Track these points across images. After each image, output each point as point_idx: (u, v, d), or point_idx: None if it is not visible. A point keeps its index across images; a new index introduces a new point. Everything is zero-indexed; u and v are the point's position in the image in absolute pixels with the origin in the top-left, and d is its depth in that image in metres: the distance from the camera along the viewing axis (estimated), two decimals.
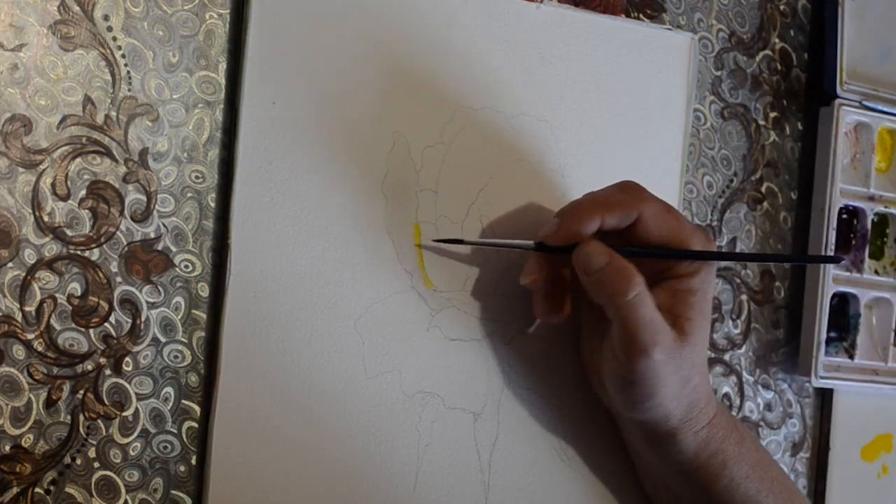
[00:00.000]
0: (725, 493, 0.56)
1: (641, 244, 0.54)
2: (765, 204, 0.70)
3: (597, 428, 0.61)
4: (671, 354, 0.51)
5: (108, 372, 0.51)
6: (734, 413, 0.68)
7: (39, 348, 0.49)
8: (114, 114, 0.51)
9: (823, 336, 0.68)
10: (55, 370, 0.49)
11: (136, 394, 0.51)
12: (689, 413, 0.54)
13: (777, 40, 0.71)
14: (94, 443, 0.50)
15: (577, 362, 0.60)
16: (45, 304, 0.49)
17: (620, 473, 0.62)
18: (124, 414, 0.51)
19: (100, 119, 0.50)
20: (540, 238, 0.54)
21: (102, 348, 0.50)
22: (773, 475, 0.57)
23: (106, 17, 0.51)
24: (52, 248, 0.49)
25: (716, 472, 0.55)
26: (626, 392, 0.53)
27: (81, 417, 0.50)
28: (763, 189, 0.70)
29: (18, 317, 0.49)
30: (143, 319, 0.51)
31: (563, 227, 0.53)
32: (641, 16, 0.65)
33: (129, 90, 0.51)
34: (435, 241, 0.57)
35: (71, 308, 0.50)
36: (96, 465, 0.50)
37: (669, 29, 0.65)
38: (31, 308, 0.49)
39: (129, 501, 0.51)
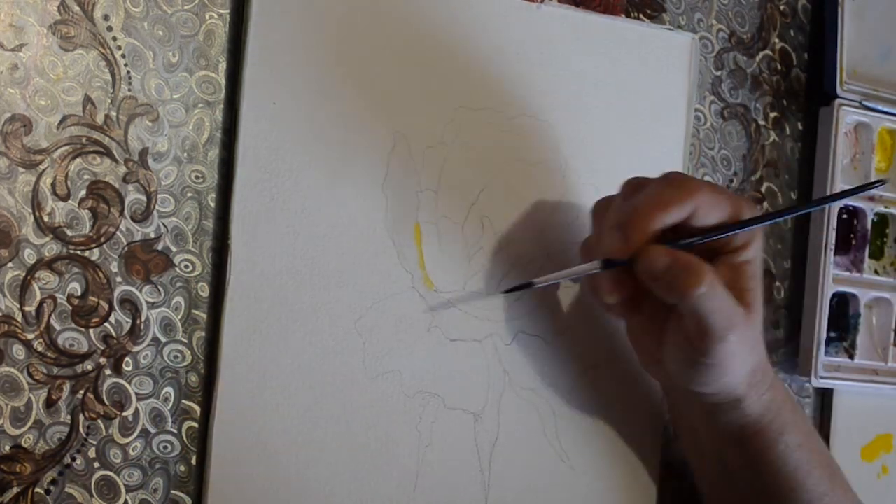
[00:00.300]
0: (779, 459, 0.56)
1: (698, 230, 0.53)
2: (765, 204, 0.70)
3: (597, 428, 0.61)
4: (744, 330, 0.52)
5: (108, 372, 0.50)
6: None
7: (39, 348, 0.49)
8: (114, 114, 0.51)
9: (823, 336, 0.68)
10: (55, 370, 0.49)
11: (136, 394, 0.51)
12: (753, 378, 0.55)
13: (777, 40, 0.71)
14: (94, 443, 0.50)
15: (578, 362, 0.60)
16: (45, 304, 0.49)
17: (620, 473, 0.62)
18: (124, 414, 0.51)
19: (100, 119, 0.50)
20: (608, 254, 0.53)
21: (102, 348, 0.50)
22: (820, 448, 0.58)
23: (106, 17, 0.50)
24: (52, 248, 0.49)
25: (773, 437, 0.56)
26: (698, 373, 0.53)
27: (81, 417, 0.50)
28: (763, 189, 0.70)
29: (18, 317, 0.49)
30: (143, 319, 0.51)
31: (628, 240, 0.52)
32: (641, 16, 0.65)
33: (129, 90, 0.51)
34: (504, 291, 0.58)
35: (71, 308, 0.50)
36: (96, 465, 0.50)
37: (670, 29, 0.65)
38: (31, 308, 0.49)
39: (129, 501, 0.51)
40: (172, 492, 0.52)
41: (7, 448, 0.48)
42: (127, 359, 0.51)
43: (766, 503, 0.58)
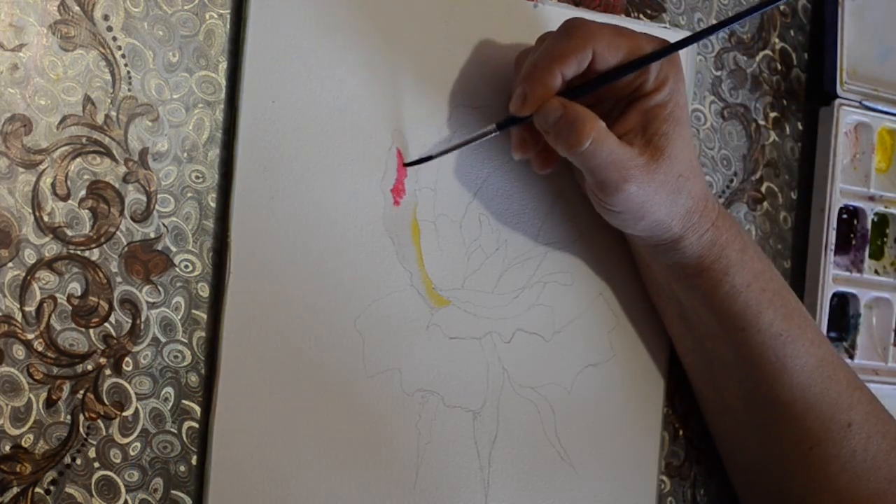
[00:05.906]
0: (726, 300, 0.56)
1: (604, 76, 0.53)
2: (765, 204, 0.70)
3: (597, 426, 0.61)
4: (646, 179, 0.52)
5: (108, 372, 0.51)
6: None
7: (39, 348, 0.49)
8: (114, 114, 0.51)
9: None
10: (55, 370, 0.49)
11: (136, 394, 0.51)
12: (688, 220, 0.55)
13: (777, 40, 0.71)
14: (94, 443, 0.50)
15: (577, 360, 0.61)
16: (45, 304, 0.49)
17: (620, 472, 0.62)
18: (124, 414, 0.51)
19: (100, 119, 0.51)
20: (511, 112, 0.53)
21: (102, 348, 0.50)
22: (774, 287, 0.58)
23: (106, 17, 0.51)
24: (52, 248, 0.49)
25: (718, 279, 0.56)
26: (618, 220, 0.55)
27: (81, 417, 0.50)
28: (763, 189, 0.70)
29: (18, 317, 0.49)
30: (143, 319, 0.51)
31: (529, 95, 0.52)
32: (641, 16, 0.65)
33: (129, 90, 0.51)
34: (406, 164, 0.56)
35: (71, 308, 0.50)
36: (96, 465, 0.50)
37: (670, 29, 0.65)
38: (31, 308, 0.49)
39: (129, 501, 0.51)
40: (172, 492, 0.52)
41: (7, 448, 0.48)
42: (127, 359, 0.51)
43: (719, 343, 0.58)
